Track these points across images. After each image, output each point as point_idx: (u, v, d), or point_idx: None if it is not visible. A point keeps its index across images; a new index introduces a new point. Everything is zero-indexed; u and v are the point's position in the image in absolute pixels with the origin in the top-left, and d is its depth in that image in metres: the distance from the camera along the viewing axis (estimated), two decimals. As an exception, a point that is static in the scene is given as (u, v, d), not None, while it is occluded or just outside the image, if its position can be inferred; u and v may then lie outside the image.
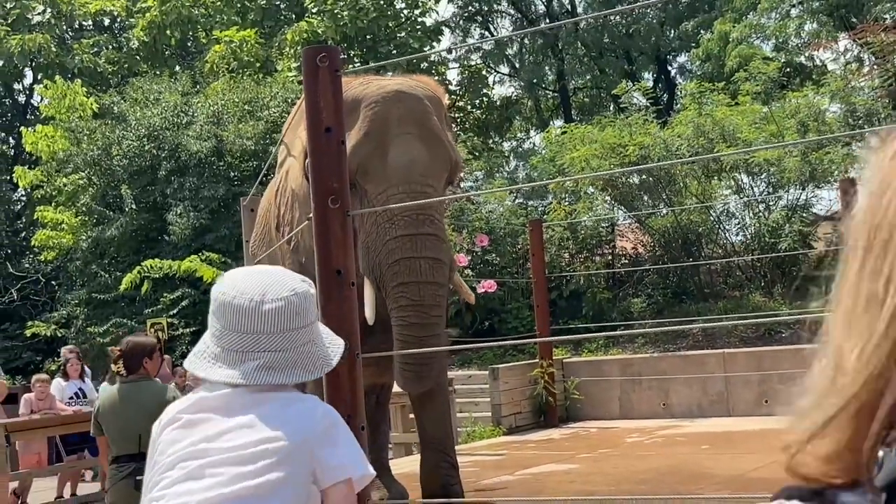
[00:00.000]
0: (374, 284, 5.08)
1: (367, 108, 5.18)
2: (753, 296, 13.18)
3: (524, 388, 11.56)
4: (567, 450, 9.61)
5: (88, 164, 18.27)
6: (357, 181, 5.12)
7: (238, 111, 18.05)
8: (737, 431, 9.90)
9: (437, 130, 5.25)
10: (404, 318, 4.98)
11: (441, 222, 5.17)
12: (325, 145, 3.58)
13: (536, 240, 12.01)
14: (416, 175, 5.06)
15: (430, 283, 4.99)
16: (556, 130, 17.19)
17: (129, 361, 5.59)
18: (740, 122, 13.31)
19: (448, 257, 5.17)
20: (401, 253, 4.97)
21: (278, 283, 1.77)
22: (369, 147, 5.12)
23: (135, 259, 17.02)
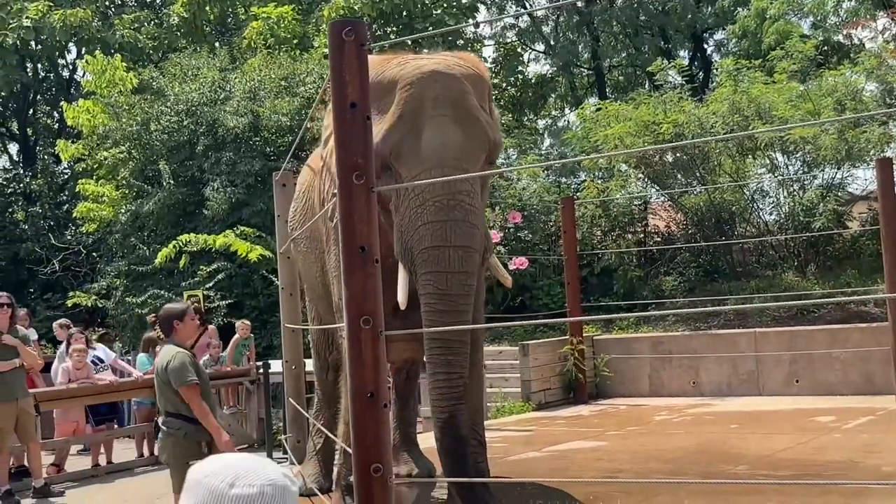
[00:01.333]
0: (406, 268, 5.02)
1: (403, 89, 5.09)
2: (786, 275, 12.99)
3: (554, 364, 11.51)
4: (595, 427, 9.54)
5: (128, 139, 18.35)
6: (391, 164, 5.06)
7: (274, 87, 18.01)
8: (767, 411, 9.79)
9: (474, 111, 5.13)
10: (431, 306, 4.95)
11: (474, 205, 5.00)
12: (351, 120, 3.50)
13: (568, 217, 11.90)
14: (449, 157, 4.96)
15: (459, 273, 4.92)
16: (591, 108, 16.96)
17: (162, 325, 6.05)
18: (776, 99, 13.06)
19: (480, 243, 5.04)
20: (430, 241, 4.91)
21: (254, 471, 1.60)
22: (403, 129, 5.04)
23: (172, 232, 17.10)
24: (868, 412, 9.13)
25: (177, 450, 5.90)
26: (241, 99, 17.73)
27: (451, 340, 4.94)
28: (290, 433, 7.83)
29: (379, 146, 5.03)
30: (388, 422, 3.45)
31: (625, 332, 12.58)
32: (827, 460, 6.78)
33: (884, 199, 9.86)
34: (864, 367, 10.54)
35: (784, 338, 11.10)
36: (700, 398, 11.16)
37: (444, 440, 4.89)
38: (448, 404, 4.90)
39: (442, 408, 4.90)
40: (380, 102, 5.15)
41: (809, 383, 10.81)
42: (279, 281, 7.99)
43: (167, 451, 5.98)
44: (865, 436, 7.84)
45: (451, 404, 4.90)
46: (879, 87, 13.57)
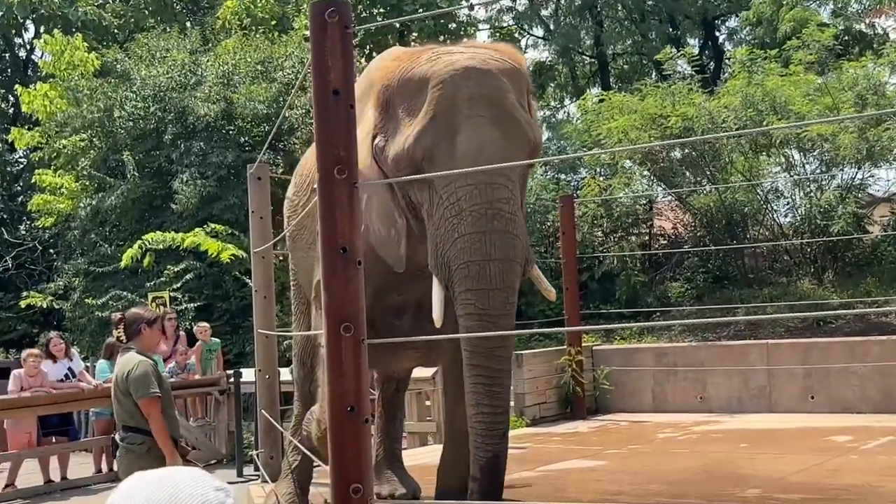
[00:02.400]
0: (443, 284, 5.00)
1: (435, 88, 5.04)
2: (802, 282, 13.03)
3: (550, 376, 11.50)
4: (594, 444, 9.55)
5: (89, 126, 18.30)
6: (424, 169, 5.04)
7: (250, 72, 18.00)
8: (779, 429, 9.81)
9: (513, 110, 5.08)
10: (470, 329, 4.89)
11: (515, 213, 4.96)
12: (333, 109, 3.48)
13: (568, 217, 11.91)
14: (486, 161, 4.88)
15: (500, 290, 4.87)
16: (593, 99, 17.01)
17: (128, 327, 6.09)
18: (793, 93, 13.11)
19: (522, 254, 5.00)
20: (469, 255, 4.86)
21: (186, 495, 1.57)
22: (436, 133, 4.99)
23: (136, 229, 17.08)
24: (888, 432, 9.15)
25: (137, 467, 5.79)
26: (214, 84, 17.70)
27: (495, 368, 4.88)
28: (263, 448, 7.81)
29: (410, 149, 5.05)
30: (368, 438, 3.45)
31: (627, 343, 12.60)
32: (843, 484, 6.79)
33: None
34: (885, 383, 10.57)
35: (798, 350, 11.12)
36: (707, 414, 11.17)
37: (482, 483, 4.82)
38: (492, 443, 4.82)
39: (486, 447, 4.82)
40: (409, 103, 5.16)
41: (825, 399, 10.84)
42: (253, 283, 7.98)
43: (127, 468, 5.94)
44: (885, 457, 7.86)
45: (494, 443, 4.83)
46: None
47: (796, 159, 13.89)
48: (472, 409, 4.88)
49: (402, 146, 5.09)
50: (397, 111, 5.24)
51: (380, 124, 5.32)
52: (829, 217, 12.80)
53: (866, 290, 12.18)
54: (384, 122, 5.30)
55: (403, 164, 5.10)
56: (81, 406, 11.46)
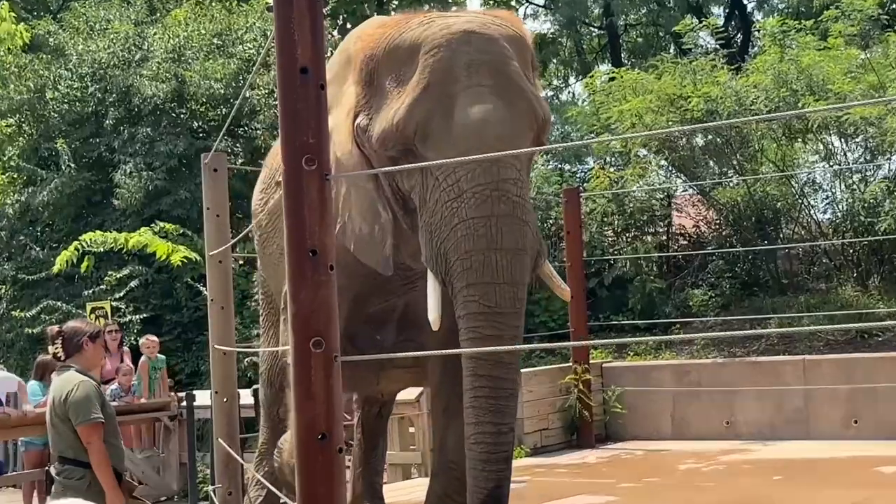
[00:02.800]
0: (439, 279, 4.92)
1: (428, 54, 5.00)
2: (844, 289, 13.07)
3: (553, 398, 11.53)
4: (605, 477, 9.58)
5: (17, 110, 18.25)
6: (416, 147, 4.99)
7: (205, 46, 17.99)
8: (818, 459, 9.85)
9: (519, 80, 5.06)
10: (476, 330, 4.78)
11: (524, 196, 4.92)
12: (301, 89, 3.48)
13: (573, 213, 11.93)
14: (490, 136, 4.86)
15: (507, 284, 4.78)
16: (602, 77, 17.03)
17: (68, 342, 6.08)
18: (832, 70, 13.15)
19: (532, 244, 4.93)
20: (471, 243, 4.78)
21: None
22: (430, 104, 4.95)
23: (73, 228, 17.04)
24: (944, 461, 9.20)
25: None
26: (163, 61, 17.68)
27: (502, 379, 4.78)
28: (220, 483, 7.79)
29: (400, 124, 4.99)
30: (342, 470, 3.45)
31: (642, 359, 12.62)
32: (893, 521, 6.84)
33: (965, 195, 9.97)
34: (940, 405, 10.63)
35: (840, 367, 11.16)
36: (735, 442, 11.21)
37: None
38: (495, 469, 4.73)
39: (487, 474, 4.73)
40: (399, 72, 5.12)
41: (871, 424, 10.88)
42: (208, 291, 7.96)
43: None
44: (941, 491, 7.91)
45: (498, 469, 4.75)
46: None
47: (836, 146, 13.94)
48: (471, 427, 4.77)
49: (391, 121, 5.03)
50: (384, 83, 5.18)
51: (362, 101, 5.26)
52: (875, 213, 12.84)
53: (919, 297, 12.24)
54: (367, 98, 5.24)
55: (391, 143, 5.05)
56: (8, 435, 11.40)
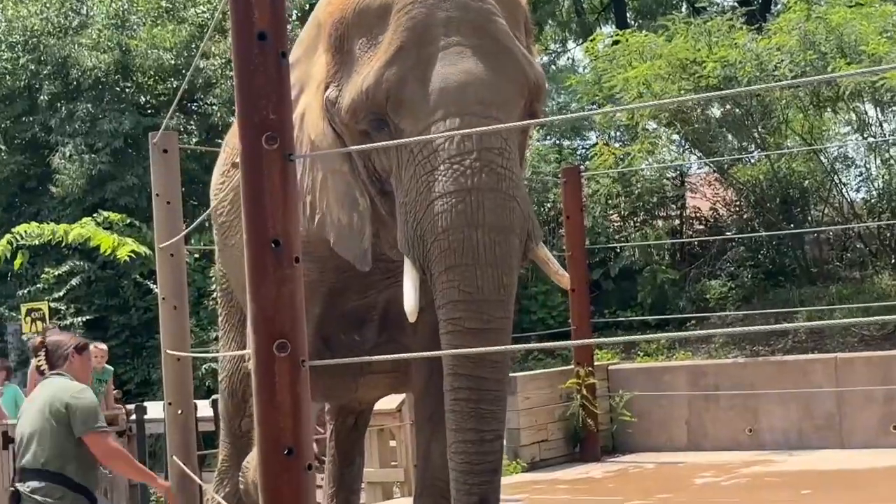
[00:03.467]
0: (417, 265, 4.85)
1: (401, 11, 4.94)
2: (880, 278, 13.15)
3: (553, 405, 11.57)
4: (612, 494, 9.63)
5: (-62, 85, 18.22)
6: (388, 116, 4.94)
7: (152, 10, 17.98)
8: (853, 470, 9.91)
9: (504, 38, 4.99)
10: (456, 322, 4.71)
11: (510, 168, 4.80)
12: (259, 58, 3.48)
13: (573, 195, 11.95)
14: (470, 101, 4.81)
15: (491, 266, 4.69)
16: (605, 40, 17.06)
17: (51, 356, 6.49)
18: (866, 29, 13.19)
19: (522, 223, 4.84)
20: (449, 221, 4.69)
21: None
22: (403, 67, 4.89)
23: (5, 219, 17.04)
24: None
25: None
26: (104, 28, 17.66)
27: (485, 379, 4.70)
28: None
29: (371, 90, 4.92)
30: (312, 489, 3.46)
31: (653, 360, 12.68)
32: (936, 539, 6.89)
33: None
34: None
35: (876, 366, 11.22)
36: (759, 452, 11.28)
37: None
38: (479, 481, 4.68)
39: (469, 487, 4.68)
40: (370, 35, 5.08)
41: (913, 430, 10.96)
42: (159, 289, 7.96)
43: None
44: None
45: (482, 482, 4.69)
46: None
47: (871, 116, 14.00)
48: (452, 435, 4.72)
49: (360, 87, 4.98)
50: (353, 49, 5.14)
51: (332, 70, 5.21)
52: (915, 192, 12.93)
53: (964, 286, 12.31)
54: (337, 67, 5.19)
55: (362, 113, 4.99)
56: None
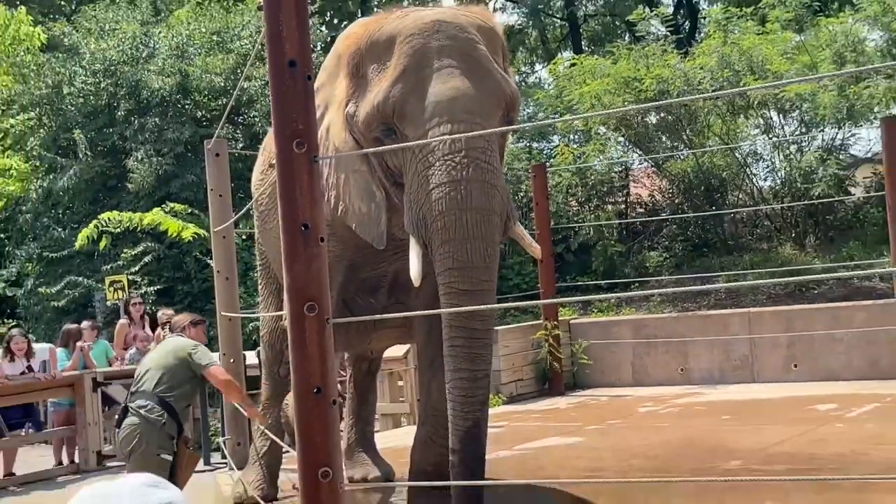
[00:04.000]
0: (419, 241, 4.95)
1: (404, 42, 5.05)
2: (783, 248, 13.15)
3: (526, 352, 11.57)
4: (573, 421, 9.63)
5: (37, 104, 18.11)
6: (395, 125, 5.02)
7: (206, 43, 17.87)
8: (762, 400, 9.93)
9: (485, 62, 5.07)
10: (451, 285, 4.81)
11: (491, 163, 4.90)
12: (290, 81, 3.48)
13: (541, 186, 11.94)
14: (458, 111, 4.87)
15: (478, 240, 4.79)
16: (564, 63, 17.01)
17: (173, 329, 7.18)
18: (770, 51, 13.17)
19: (502, 206, 4.93)
20: (444, 205, 4.80)
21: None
22: (406, 85, 4.98)
23: (91, 210, 16.96)
24: (874, 399, 9.28)
25: (151, 437, 6.39)
26: (168, 57, 17.57)
27: (476, 329, 4.80)
28: (230, 435, 7.83)
29: (380, 105, 5.03)
30: (336, 420, 3.46)
31: (605, 315, 12.68)
32: (828, 453, 6.89)
33: (890, 161, 9.98)
34: (870, 350, 10.71)
35: (781, 318, 11.24)
36: (689, 387, 11.29)
37: (462, 455, 4.76)
38: (471, 409, 4.75)
39: (465, 414, 4.74)
40: (380, 62, 5.16)
41: (809, 368, 10.97)
42: (214, 264, 7.96)
43: (139, 437, 6.36)
44: (871, 425, 7.98)
45: (474, 410, 4.76)
46: (884, 37, 13.70)
47: (775, 120, 13.97)
48: (450, 374, 4.79)
49: (372, 103, 5.07)
50: (367, 73, 5.23)
51: (351, 91, 5.30)
52: (810, 180, 12.90)
53: (849, 254, 12.30)
54: (355, 88, 5.29)
55: (374, 123, 5.09)
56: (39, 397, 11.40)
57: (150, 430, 6.43)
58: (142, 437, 6.43)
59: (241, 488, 6.83)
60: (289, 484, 6.89)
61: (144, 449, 6.41)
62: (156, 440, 6.43)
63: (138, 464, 6.41)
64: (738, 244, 13.90)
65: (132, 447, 6.46)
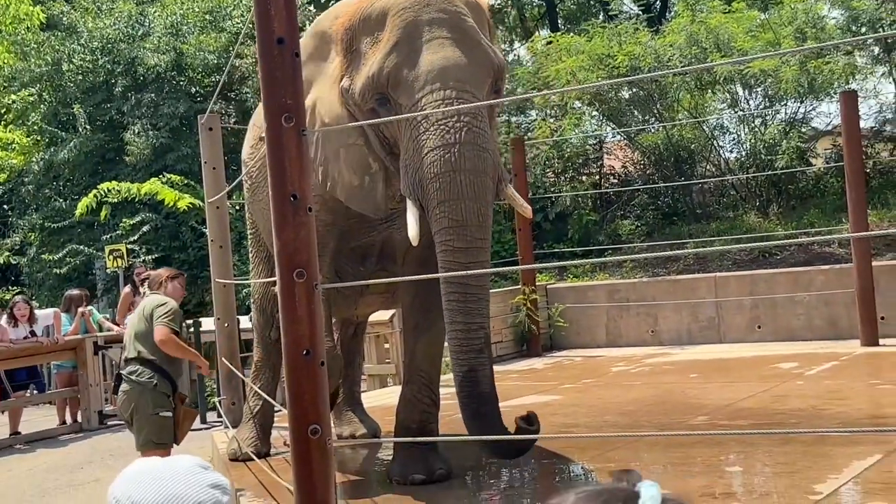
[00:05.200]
0: (416, 204, 4.92)
1: (395, 15, 5.03)
2: (748, 216, 13.19)
3: (506, 315, 11.60)
4: (550, 380, 9.68)
5: (37, 80, 17.93)
6: (390, 95, 5.00)
7: (199, 22, 17.71)
8: (727, 359, 10.00)
9: (474, 33, 5.06)
10: (446, 243, 4.81)
11: (482, 128, 4.89)
12: (278, 58, 3.46)
13: (519, 159, 11.93)
14: (449, 80, 4.86)
15: (471, 200, 4.78)
16: (542, 41, 16.93)
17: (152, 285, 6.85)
18: (735, 29, 13.15)
19: (493, 169, 4.91)
20: (438, 168, 4.78)
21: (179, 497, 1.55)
22: (399, 56, 4.96)
23: (91, 182, 16.85)
24: (832, 357, 9.37)
25: (145, 399, 6.39)
26: (162, 35, 17.40)
27: (469, 284, 4.80)
28: (224, 395, 7.83)
29: (375, 76, 5.00)
30: (325, 380, 3.47)
31: (580, 280, 12.72)
32: (789, 408, 6.96)
33: (848, 134, 10.04)
34: (828, 311, 10.79)
35: (745, 282, 11.30)
36: (659, 347, 11.36)
37: (464, 397, 4.78)
38: (467, 357, 4.77)
39: (461, 361, 4.77)
40: (373, 36, 5.13)
41: (771, 329, 11.05)
42: (209, 233, 7.93)
43: (135, 401, 6.40)
44: (829, 382, 8.05)
45: (470, 357, 4.77)
46: (843, 15, 13.69)
47: (740, 95, 13.97)
48: (448, 326, 4.83)
49: (367, 75, 5.05)
50: (360, 48, 5.21)
51: (345, 66, 5.27)
52: (774, 151, 12.93)
53: (810, 221, 12.35)
54: (349, 63, 5.26)
55: (370, 93, 5.07)
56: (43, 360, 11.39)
57: (142, 392, 6.44)
58: (138, 400, 6.44)
59: (236, 445, 6.85)
60: (280, 440, 6.91)
61: (143, 411, 6.42)
62: (151, 401, 6.43)
63: (141, 426, 6.43)
64: (705, 213, 13.94)
65: (131, 412, 6.48)
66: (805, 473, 5.13)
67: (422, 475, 5.55)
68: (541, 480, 5.90)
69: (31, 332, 10.76)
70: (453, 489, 5.48)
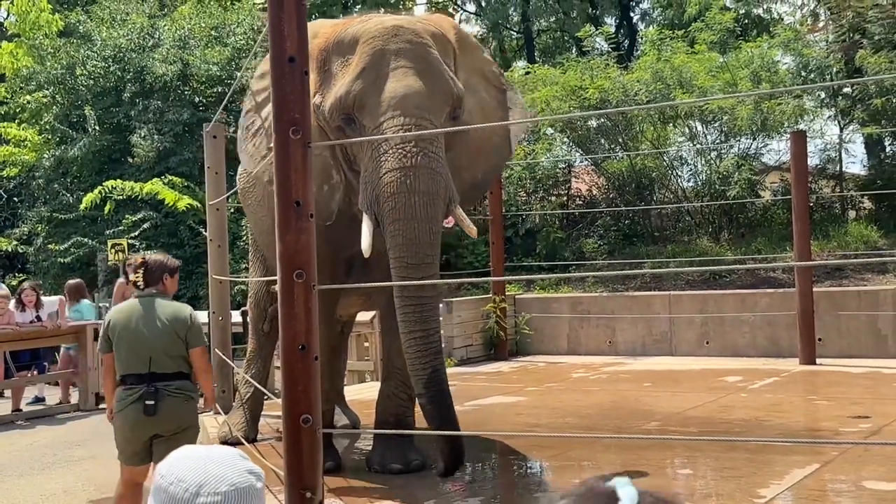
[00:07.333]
0: (372, 218, 4.92)
1: (365, 43, 5.06)
2: (701, 240, 13.26)
3: (476, 321, 11.60)
4: (515, 383, 9.68)
5: (52, 83, 17.79)
6: (355, 116, 5.01)
7: (205, 36, 17.62)
8: (678, 370, 10.04)
9: (437, 64, 5.08)
10: (400, 259, 4.82)
11: (436, 153, 4.89)
12: (289, 75, 3.45)
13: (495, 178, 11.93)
14: (410, 107, 4.88)
15: (424, 221, 4.80)
16: (520, 71, 16.98)
17: (150, 275, 5.46)
18: (697, 69, 13.25)
19: (445, 190, 4.91)
20: (394, 188, 4.79)
21: (218, 477, 1.57)
22: (366, 81, 4.98)
23: (97, 179, 16.72)
24: (773, 373, 9.42)
25: (194, 411, 5.62)
26: (171, 47, 17.31)
27: (423, 297, 4.82)
28: (216, 383, 7.77)
29: (342, 98, 5.02)
30: (318, 374, 3.46)
31: (546, 292, 12.74)
32: (734, 418, 7.00)
33: (796, 170, 10.13)
34: (771, 331, 10.86)
35: (697, 301, 11.36)
36: (615, 357, 11.39)
37: (428, 395, 4.76)
38: (429, 360, 4.78)
39: (423, 364, 4.76)
40: (343, 59, 5.15)
41: (719, 345, 11.11)
42: (208, 233, 7.89)
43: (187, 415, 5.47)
44: (770, 395, 8.10)
45: (431, 360, 4.79)
46: (795, 61, 13.83)
47: (699, 130, 14.07)
48: (405, 335, 4.81)
49: (336, 95, 5.07)
50: (332, 69, 5.23)
51: (318, 84, 5.28)
52: (727, 182, 13.01)
53: (757, 248, 12.44)
54: (321, 82, 5.28)
55: (337, 113, 5.08)
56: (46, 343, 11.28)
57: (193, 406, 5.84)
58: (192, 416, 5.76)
59: (227, 429, 6.81)
60: (268, 428, 6.87)
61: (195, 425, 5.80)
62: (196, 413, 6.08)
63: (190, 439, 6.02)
64: (662, 236, 14.00)
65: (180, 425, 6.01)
66: (749, 478, 5.16)
67: (399, 465, 5.56)
68: (503, 476, 5.91)
69: (37, 316, 10.65)
70: (427, 478, 5.47)
